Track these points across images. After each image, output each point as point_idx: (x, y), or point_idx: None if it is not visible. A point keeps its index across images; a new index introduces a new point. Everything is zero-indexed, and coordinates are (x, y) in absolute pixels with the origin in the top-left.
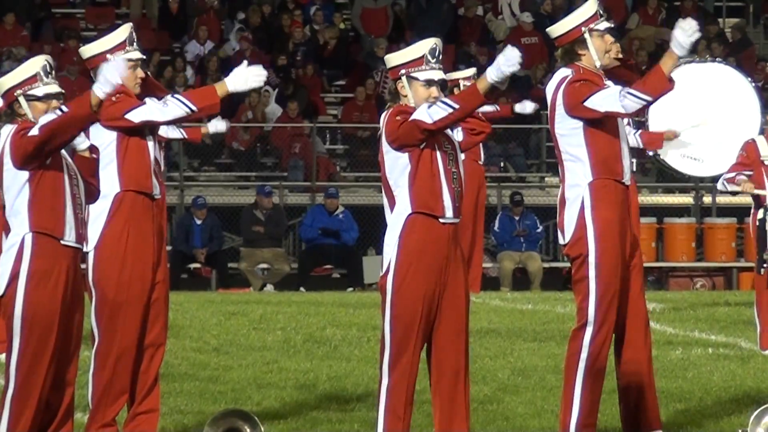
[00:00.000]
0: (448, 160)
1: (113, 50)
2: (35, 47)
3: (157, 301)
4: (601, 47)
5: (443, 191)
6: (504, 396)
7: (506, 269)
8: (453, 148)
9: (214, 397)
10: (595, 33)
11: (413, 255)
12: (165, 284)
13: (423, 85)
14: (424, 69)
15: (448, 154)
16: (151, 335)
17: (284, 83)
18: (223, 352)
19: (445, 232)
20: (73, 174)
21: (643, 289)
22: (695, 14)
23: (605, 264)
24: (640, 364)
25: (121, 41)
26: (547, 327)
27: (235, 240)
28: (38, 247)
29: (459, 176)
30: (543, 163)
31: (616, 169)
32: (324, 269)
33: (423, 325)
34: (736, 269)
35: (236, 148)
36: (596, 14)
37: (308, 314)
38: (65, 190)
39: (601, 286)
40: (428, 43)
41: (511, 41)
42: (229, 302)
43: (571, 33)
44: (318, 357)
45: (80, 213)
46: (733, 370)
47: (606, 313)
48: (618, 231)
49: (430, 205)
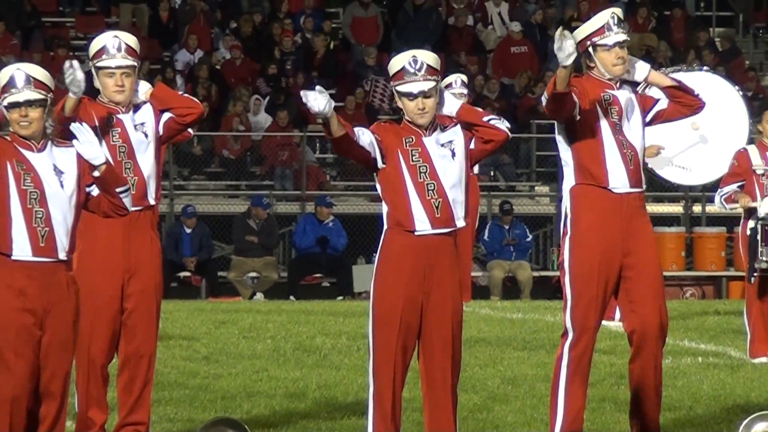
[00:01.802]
0: (420, 174)
1: (94, 58)
2: (25, 55)
3: (134, 312)
4: (606, 60)
5: (412, 205)
6: (494, 405)
7: (496, 278)
8: (427, 162)
9: (204, 406)
10: (600, 47)
11: (389, 267)
12: (146, 295)
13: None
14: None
15: (419, 167)
16: (131, 346)
17: (274, 92)
18: (212, 360)
19: (421, 244)
20: (29, 188)
21: (654, 295)
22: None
23: (578, 271)
24: (644, 373)
25: (99, 49)
26: (536, 336)
27: (225, 249)
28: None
29: (438, 188)
30: (533, 172)
31: (597, 174)
32: (314, 278)
33: (404, 332)
34: (726, 278)
35: (226, 157)
36: (602, 28)
37: (298, 323)
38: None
39: (574, 292)
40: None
41: (501, 50)
42: (218, 311)
43: (580, 45)
44: (308, 366)
45: (41, 226)
46: (722, 378)
47: (583, 320)
48: (596, 238)
49: (400, 220)
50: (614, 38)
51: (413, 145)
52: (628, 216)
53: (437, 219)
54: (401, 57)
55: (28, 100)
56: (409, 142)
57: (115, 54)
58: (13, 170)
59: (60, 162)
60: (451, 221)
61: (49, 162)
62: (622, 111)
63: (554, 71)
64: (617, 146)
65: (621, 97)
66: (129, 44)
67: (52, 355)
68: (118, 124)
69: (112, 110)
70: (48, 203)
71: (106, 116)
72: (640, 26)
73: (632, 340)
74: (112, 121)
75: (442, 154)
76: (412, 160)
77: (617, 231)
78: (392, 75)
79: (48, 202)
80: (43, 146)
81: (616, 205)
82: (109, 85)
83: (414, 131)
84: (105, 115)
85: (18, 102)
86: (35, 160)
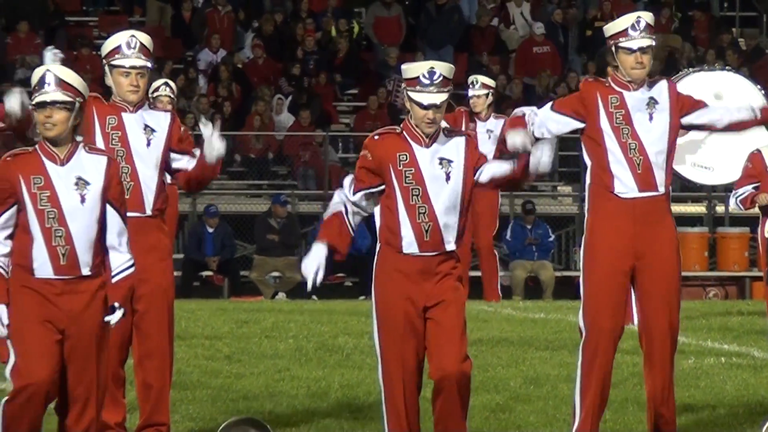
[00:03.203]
0: (412, 196)
1: (108, 56)
2: None
3: (146, 314)
4: (626, 63)
5: (401, 227)
6: (516, 405)
7: (518, 278)
8: (420, 184)
9: (226, 405)
10: (622, 50)
11: (384, 279)
12: (156, 297)
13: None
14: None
15: (411, 189)
16: (144, 347)
17: (297, 92)
18: (235, 360)
19: (410, 263)
20: (46, 208)
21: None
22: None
23: (588, 273)
24: (654, 373)
25: (114, 47)
26: (559, 336)
27: (247, 248)
28: (14, 278)
29: (429, 211)
30: (555, 172)
31: (604, 179)
32: (336, 277)
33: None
34: (749, 278)
35: (249, 157)
36: (625, 31)
37: (320, 322)
38: (30, 226)
39: (585, 294)
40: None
41: (523, 50)
42: (241, 310)
43: (606, 42)
44: (330, 365)
45: (61, 245)
46: (745, 379)
47: (593, 320)
48: (605, 242)
49: (389, 239)
50: (637, 43)
51: (407, 164)
52: (641, 220)
53: (425, 242)
54: (419, 66)
55: (54, 101)
56: (403, 160)
57: (130, 54)
58: (29, 190)
59: (87, 172)
60: (440, 245)
61: (72, 174)
62: (629, 115)
63: (576, 72)
64: (622, 151)
65: (631, 100)
66: (144, 44)
67: (74, 362)
68: (119, 126)
69: (121, 108)
70: (67, 221)
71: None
72: (663, 27)
73: (642, 342)
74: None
75: (436, 175)
76: (405, 181)
77: (627, 235)
78: (407, 79)
79: (67, 220)
80: (69, 155)
81: (624, 209)
82: (123, 84)
83: (410, 145)
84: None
85: (44, 102)
86: (56, 174)
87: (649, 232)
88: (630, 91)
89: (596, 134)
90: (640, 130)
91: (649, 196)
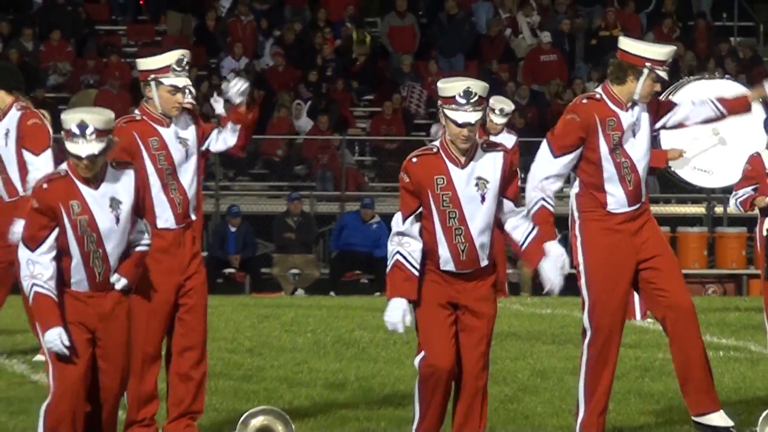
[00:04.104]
0: (449, 218)
1: (157, 72)
2: (79, 62)
3: (193, 308)
4: (648, 88)
5: (439, 247)
6: (524, 396)
7: (525, 276)
8: (456, 207)
9: (248, 396)
10: (651, 75)
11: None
12: (200, 293)
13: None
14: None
15: (449, 213)
16: (187, 339)
17: (315, 97)
18: (256, 353)
19: (447, 278)
20: (83, 232)
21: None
22: (708, 33)
23: (592, 278)
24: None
25: (165, 65)
26: (565, 330)
27: (267, 246)
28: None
29: (466, 233)
30: None
31: (598, 197)
32: (353, 274)
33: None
34: (746, 276)
35: (270, 159)
36: (664, 62)
37: (338, 317)
38: (70, 248)
39: (590, 297)
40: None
41: (531, 59)
42: (262, 306)
43: (634, 58)
44: (347, 358)
45: (98, 265)
46: (743, 372)
47: (599, 321)
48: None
49: (429, 256)
50: (664, 75)
51: (444, 187)
52: (634, 228)
53: (462, 261)
54: (455, 85)
55: (92, 155)
56: (440, 184)
57: (180, 73)
58: (69, 217)
59: (118, 191)
60: (476, 263)
61: (106, 196)
62: (624, 134)
63: (582, 79)
64: (617, 171)
65: (627, 119)
66: (189, 64)
67: (103, 366)
68: (162, 146)
69: (158, 121)
70: (104, 242)
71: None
72: (665, 36)
73: (666, 325)
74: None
75: (472, 197)
76: (443, 204)
77: (626, 243)
78: (442, 97)
79: (104, 241)
80: (101, 177)
81: (617, 221)
82: (169, 101)
83: (447, 166)
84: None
85: (80, 156)
86: (91, 198)
87: (643, 233)
88: (624, 111)
89: (592, 155)
90: (630, 149)
91: (637, 207)
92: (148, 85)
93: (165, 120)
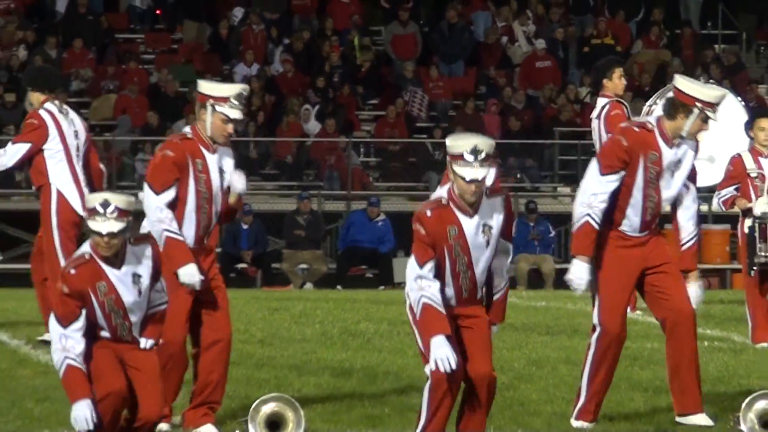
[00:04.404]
0: (458, 264)
1: (216, 99)
2: (100, 69)
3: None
4: (696, 127)
5: (446, 287)
6: (520, 384)
7: (522, 270)
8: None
9: (259, 384)
10: (701, 115)
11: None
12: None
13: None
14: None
15: (459, 259)
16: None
17: (323, 102)
18: (267, 343)
19: (450, 309)
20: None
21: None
22: (694, 40)
23: (605, 284)
24: (681, 354)
25: (225, 96)
26: (558, 322)
27: (278, 243)
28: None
29: (471, 275)
30: (555, 174)
31: (614, 215)
32: (359, 269)
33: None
34: (730, 270)
35: (280, 160)
36: (714, 104)
37: (344, 310)
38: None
39: (602, 298)
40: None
41: (527, 65)
42: (272, 299)
43: (686, 97)
44: (352, 348)
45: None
46: (726, 361)
47: (608, 319)
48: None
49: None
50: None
51: (456, 237)
52: (643, 240)
53: (464, 299)
54: (463, 143)
55: (111, 232)
56: (453, 234)
57: (237, 106)
58: (97, 299)
59: (139, 267)
60: (475, 298)
61: (129, 274)
62: (662, 171)
63: (575, 84)
64: (643, 201)
65: (669, 157)
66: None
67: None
68: (205, 170)
69: (205, 145)
70: (129, 315)
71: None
72: (653, 43)
73: (665, 326)
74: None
75: (480, 243)
76: (455, 253)
77: (636, 252)
78: (451, 154)
79: (129, 314)
80: (123, 257)
81: (628, 243)
82: (222, 130)
83: (458, 217)
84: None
85: (101, 233)
86: (116, 278)
87: (650, 243)
88: (669, 147)
89: (627, 179)
90: (664, 187)
91: (647, 233)
92: (204, 108)
93: (211, 145)
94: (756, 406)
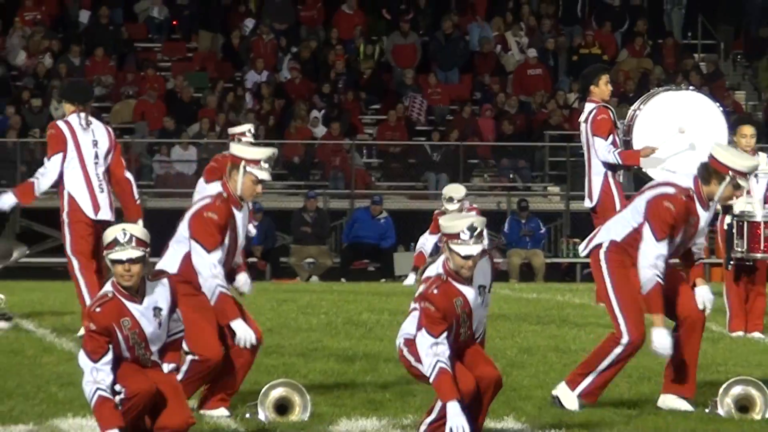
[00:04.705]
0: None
1: (249, 161)
2: (120, 76)
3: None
4: (728, 192)
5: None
6: (512, 370)
7: (514, 264)
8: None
9: (268, 370)
10: (733, 182)
11: None
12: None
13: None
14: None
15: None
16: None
17: (328, 107)
18: (275, 332)
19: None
20: (134, 343)
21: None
22: (675, 50)
23: (624, 299)
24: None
25: (257, 159)
26: (548, 313)
27: (286, 238)
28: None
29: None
30: (546, 175)
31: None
32: (362, 263)
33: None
34: (709, 264)
35: (289, 161)
36: (746, 174)
37: (347, 301)
38: (122, 354)
39: (623, 311)
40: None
41: (519, 72)
42: (280, 291)
43: (720, 166)
44: (356, 337)
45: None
46: (705, 350)
47: (634, 329)
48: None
49: None
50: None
51: (462, 306)
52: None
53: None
54: (459, 223)
55: (131, 258)
56: (460, 305)
57: (266, 169)
58: (122, 333)
59: (158, 300)
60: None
61: (150, 307)
62: (696, 232)
63: (564, 90)
64: (675, 250)
65: (704, 219)
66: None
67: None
68: (234, 226)
69: (234, 203)
70: (151, 345)
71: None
72: (637, 52)
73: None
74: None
75: (479, 304)
76: (462, 320)
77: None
78: (447, 234)
79: (150, 345)
80: (142, 292)
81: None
82: (250, 188)
83: (460, 290)
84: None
85: (121, 260)
86: (138, 313)
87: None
88: (705, 210)
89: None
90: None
91: None
92: (236, 168)
93: (240, 203)
94: (732, 392)
